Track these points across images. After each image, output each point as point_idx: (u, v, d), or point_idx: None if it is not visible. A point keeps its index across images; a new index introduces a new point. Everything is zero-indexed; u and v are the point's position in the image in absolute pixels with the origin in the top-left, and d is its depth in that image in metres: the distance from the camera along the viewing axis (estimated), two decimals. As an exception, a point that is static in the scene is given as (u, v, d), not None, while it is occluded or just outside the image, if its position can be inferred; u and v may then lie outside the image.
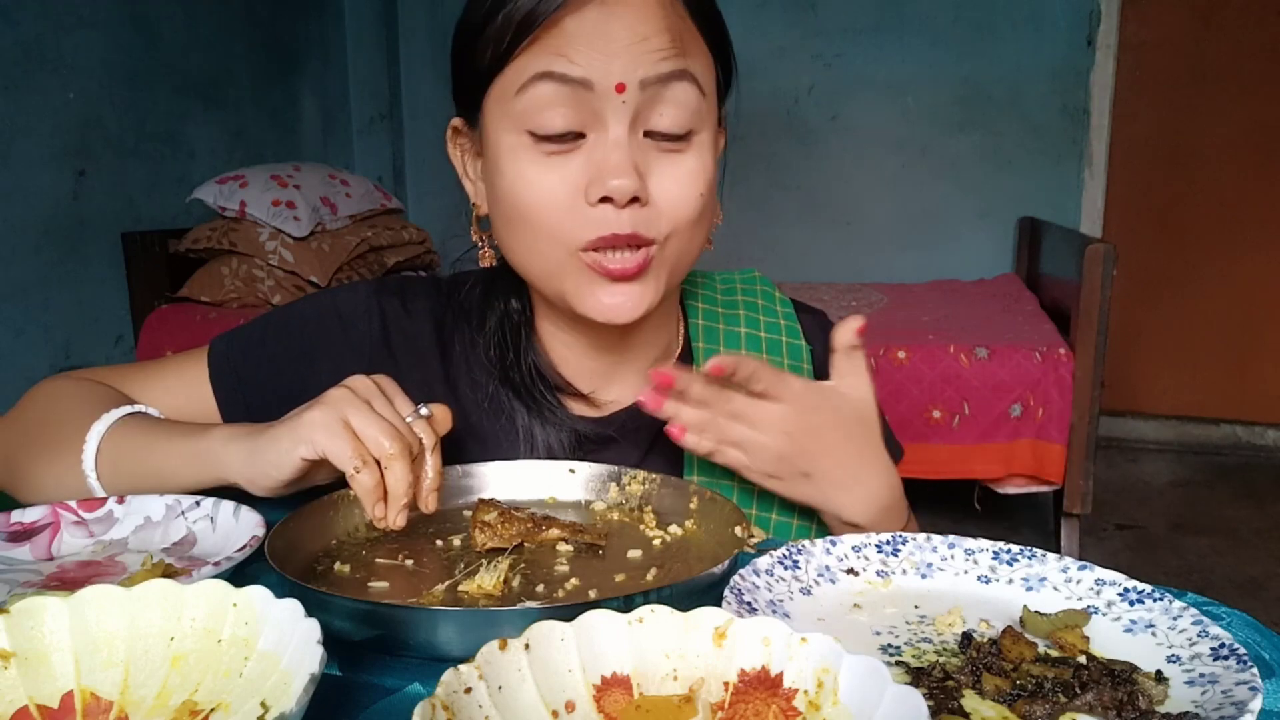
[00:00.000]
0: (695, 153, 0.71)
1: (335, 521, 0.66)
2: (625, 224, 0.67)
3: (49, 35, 2.53)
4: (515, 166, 0.69)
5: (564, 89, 0.66)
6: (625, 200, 0.66)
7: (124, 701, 0.43)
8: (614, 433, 0.81)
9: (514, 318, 0.81)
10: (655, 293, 0.72)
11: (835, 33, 3.67)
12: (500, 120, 0.70)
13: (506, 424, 0.80)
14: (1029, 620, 0.51)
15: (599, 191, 0.66)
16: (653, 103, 0.68)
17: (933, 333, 2.52)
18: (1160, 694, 0.44)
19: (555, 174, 0.68)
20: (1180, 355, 3.56)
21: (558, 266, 0.70)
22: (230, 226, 2.69)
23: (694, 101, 0.69)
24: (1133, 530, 2.81)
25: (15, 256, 2.48)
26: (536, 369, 0.80)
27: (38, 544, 0.66)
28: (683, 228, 0.71)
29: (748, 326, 0.87)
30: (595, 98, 0.67)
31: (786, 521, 0.82)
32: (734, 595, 0.51)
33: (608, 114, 0.67)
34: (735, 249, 3.66)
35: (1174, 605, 0.51)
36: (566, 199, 0.68)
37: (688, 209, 0.70)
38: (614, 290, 0.70)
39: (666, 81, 0.68)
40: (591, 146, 0.68)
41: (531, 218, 0.69)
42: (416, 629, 0.49)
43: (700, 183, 0.71)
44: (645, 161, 0.68)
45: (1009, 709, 0.43)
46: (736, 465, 0.72)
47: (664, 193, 0.69)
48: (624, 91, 0.66)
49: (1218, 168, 3.43)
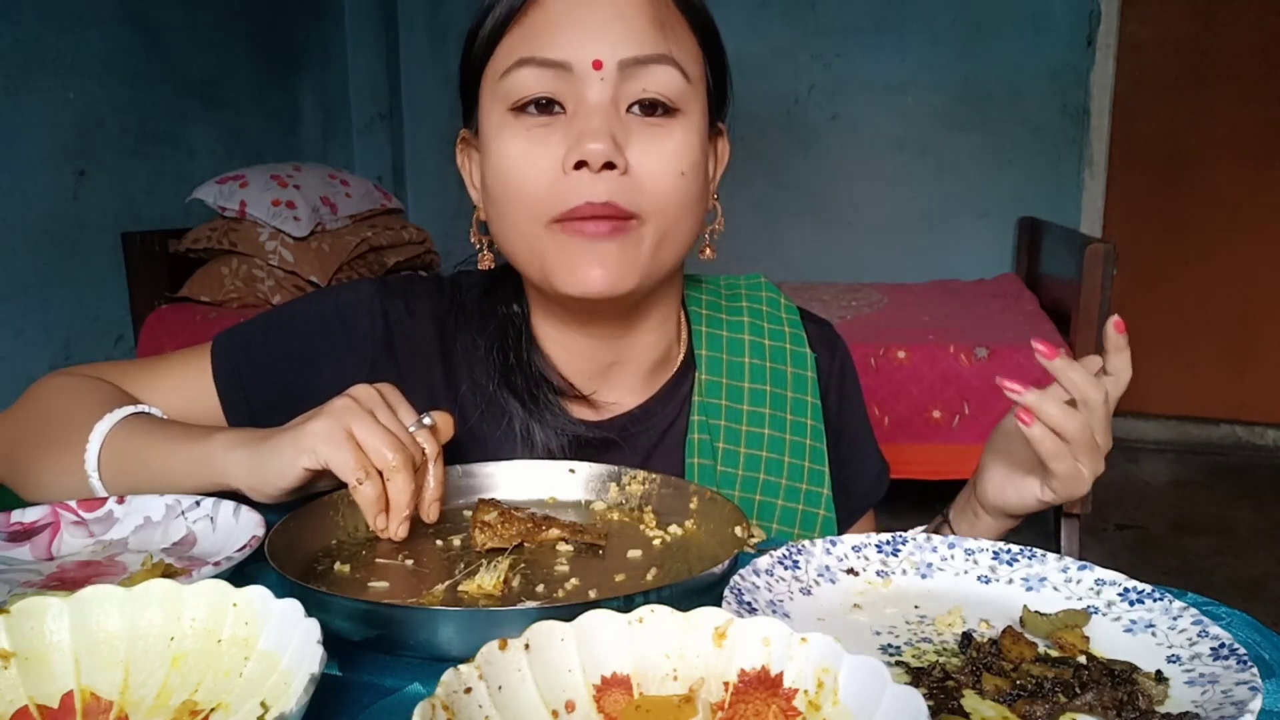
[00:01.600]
0: (680, 131, 0.70)
1: (335, 521, 0.66)
2: (601, 191, 0.67)
3: (49, 35, 2.53)
4: (500, 144, 0.70)
5: (545, 72, 0.68)
6: (599, 164, 0.66)
7: (124, 701, 0.43)
8: (615, 436, 0.81)
9: (515, 320, 0.81)
10: (632, 268, 0.70)
11: (835, 33, 3.67)
12: (490, 105, 0.72)
13: (506, 426, 0.79)
14: (1029, 620, 0.51)
15: (574, 156, 0.67)
16: (634, 81, 0.69)
17: (933, 332, 2.52)
18: (1160, 694, 0.44)
19: (537, 147, 0.69)
20: (1180, 355, 3.57)
21: (537, 243, 0.70)
22: (230, 226, 2.69)
23: (677, 84, 0.70)
24: (1132, 530, 2.81)
25: (15, 256, 2.48)
26: (538, 372, 0.80)
27: (38, 544, 0.66)
28: (665, 205, 0.70)
29: (751, 333, 0.87)
30: (575, 77, 0.68)
31: (787, 530, 0.82)
32: (734, 595, 0.51)
33: (587, 90, 0.68)
34: (735, 249, 3.66)
35: (1174, 605, 0.51)
36: (547, 170, 0.68)
37: (666, 183, 0.69)
38: (590, 259, 0.68)
39: (647, 64, 0.69)
40: (570, 119, 0.69)
41: (513, 192, 0.70)
42: (416, 629, 0.49)
43: (681, 161, 0.70)
44: (626, 135, 0.69)
45: (1009, 709, 0.43)
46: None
47: (643, 164, 0.69)
48: (601, 68, 0.68)
49: (1218, 168, 3.44)
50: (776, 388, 0.85)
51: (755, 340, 0.87)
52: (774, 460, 0.83)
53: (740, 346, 0.86)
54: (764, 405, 0.84)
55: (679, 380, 0.84)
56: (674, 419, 0.83)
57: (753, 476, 0.82)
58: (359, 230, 2.86)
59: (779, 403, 0.85)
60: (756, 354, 0.86)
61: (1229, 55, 3.37)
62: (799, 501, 0.83)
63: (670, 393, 0.84)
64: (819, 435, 0.85)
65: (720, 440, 0.82)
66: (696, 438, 0.82)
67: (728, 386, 0.84)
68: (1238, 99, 3.38)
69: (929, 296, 3.16)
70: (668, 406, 0.83)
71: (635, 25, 0.68)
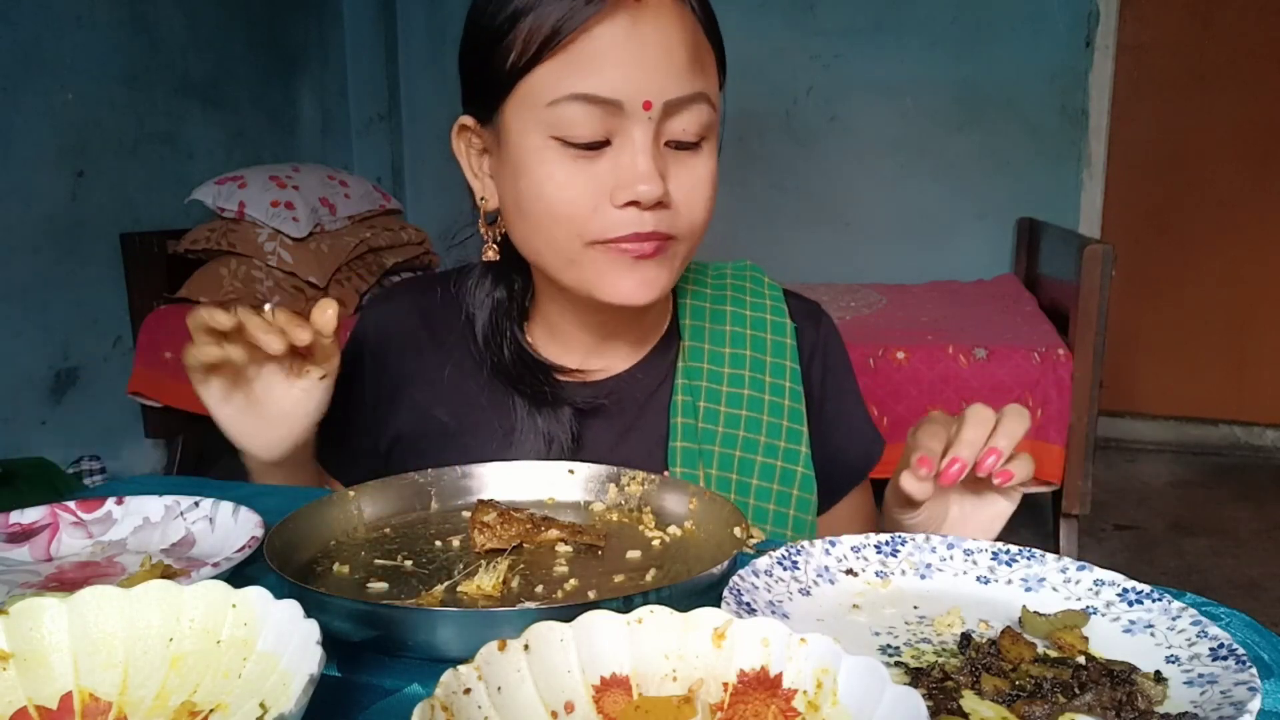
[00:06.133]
0: (706, 157, 0.76)
1: (334, 522, 0.66)
2: (649, 224, 0.72)
3: (48, 36, 2.53)
4: (544, 168, 0.72)
5: (596, 109, 0.70)
6: (650, 204, 0.71)
7: (123, 702, 0.43)
8: (604, 398, 0.85)
9: (501, 309, 0.86)
10: (668, 279, 0.77)
11: (834, 33, 3.67)
12: (527, 124, 0.73)
13: (503, 407, 0.84)
14: (1028, 621, 0.51)
15: (627, 196, 0.71)
16: (673, 120, 0.72)
17: (931, 333, 2.52)
18: (1159, 694, 0.44)
19: (582, 176, 0.72)
20: (1179, 356, 3.57)
21: (577, 256, 0.75)
22: (229, 227, 2.68)
23: (708, 118, 0.74)
24: (1131, 531, 2.81)
25: (14, 257, 2.48)
26: (528, 358, 0.84)
27: (36, 545, 0.66)
28: (698, 226, 0.77)
29: (734, 305, 0.92)
30: (624, 114, 0.71)
31: (766, 485, 0.86)
32: (733, 596, 0.51)
33: (634, 127, 0.71)
34: (734, 249, 3.65)
35: (1173, 606, 0.51)
36: (592, 199, 0.72)
37: (702, 209, 0.76)
38: (633, 274, 0.74)
39: (688, 104, 0.72)
40: (617, 152, 0.72)
41: (556, 215, 0.73)
42: (415, 630, 0.49)
43: (711, 185, 0.77)
44: (664, 167, 0.73)
45: (1008, 709, 0.43)
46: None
47: (682, 195, 0.74)
48: (650, 109, 0.71)
49: (1216, 169, 3.44)
50: (756, 353, 0.90)
51: (737, 311, 0.92)
52: (752, 419, 0.87)
53: (723, 317, 0.91)
54: (744, 368, 0.89)
55: (664, 347, 0.90)
56: (660, 382, 0.88)
57: (733, 434, 0.86)
58: (358, 231, 2.85)
59: (759, 366, 0.89)
60: (738, 323, 0.91)
61: (1228, 57, 3.37)
62: (777, 458, 0.86)
63: (657, 358, 0.89)
64: (797, 397, 0.89)
65: (702, 400, 0.86)
66: (680, 399, 0.87)
67: (710, 352, 0.89)
68: (1236, 100, 3.38)
69: (928, 297, 3.16)
70: (654, 371, 0.88)
71: (679, 63, 0.71)
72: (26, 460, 2.25)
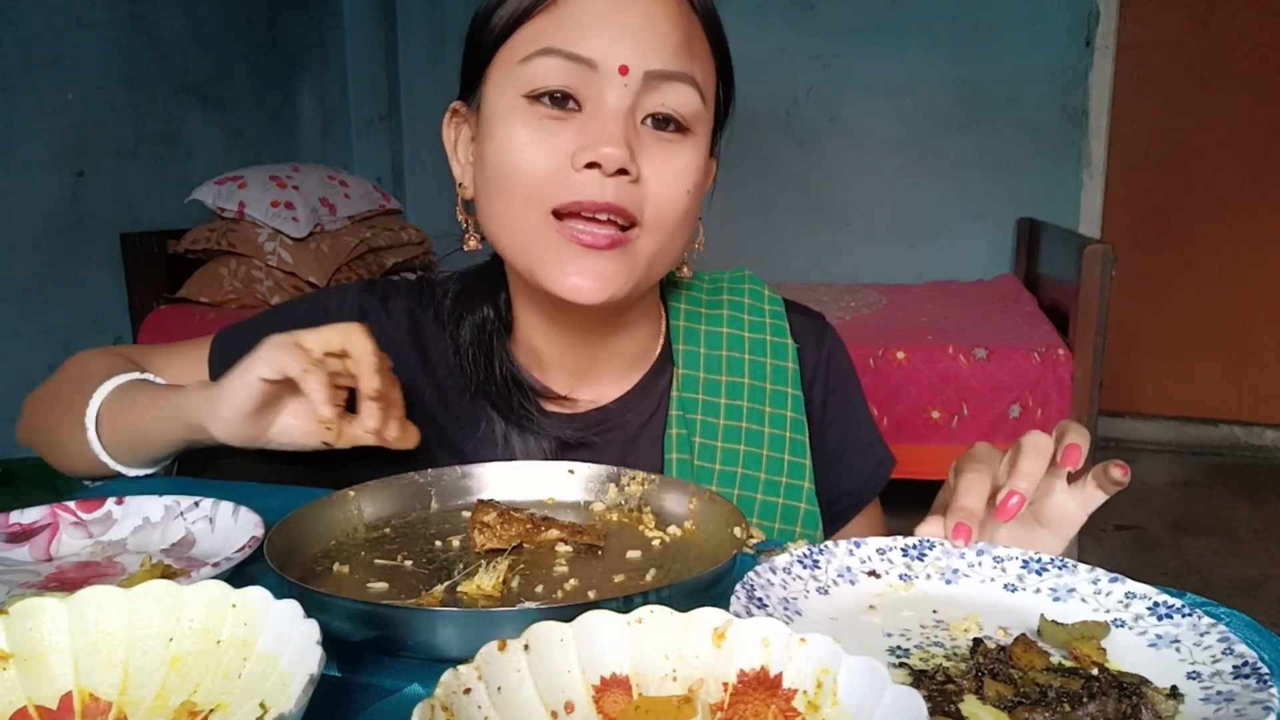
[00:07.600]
0: (689, 151, 0.71)
1: (334, 522, 0.66)
2: (608, 192, 0.67)
3: (48, 36, 2.53)
4: (507, 129, 0.69)
5: (568, 65, 0.67)
6: (613, 169, 0.66)
7: (123, 702, 0.43)
8: (592, 432, 0.81)
9: (488, 326, 0.81)
10: (625, 280, 0.70)
11: (834, 33, 3.67)
12: (501, 87, 0.71)
13: (486, 431, 0.80)
14: (1046, 629, 0.51)
15: (587, 156, 0.66)
16: (654, 94, 0.69)
17: (931, 333, 2.52)
18: (1170, 709, 0.43)
19: (547, 138, 0.68)
20: (1179, 356, 3.57)
21: (532, 232, 0.70)
22: (229, 227, 2.68)
23: (694, 104, 0.70)
24: (1131, 531, 2.81)
25: (14, 257, 2.47)
26: (512, 377, 0.80)
27: (36, 545, 0.66)
28: (665, 218, 0.70)
29: (730, 326, 0.87)
30: (598, 76, 0.67)
31: (768, 525, 0.82)
32: (744, 591, 0.51)
33: (608, 92, 0.68)
34: (734, 249, 3.66)
35: (1202, 621, 0.50)
36: (553, 163, 0.68)
37: (673, 198, 0.70)
38: (583, 266, 0.69)
39: (670, 79, 0.69)
40: (587, 117, 0.68)
41: (513, 178, 0.69)
42: (415, 630, 0.49)
43: (689, 179, 0.71)
44: (639, 144, 0.69)
45: (1008, 715, 0.43)
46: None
47: (654, 176, 0.69)
48: (627, 74, 0.67)
49: (1216, 168, 3.44)
50: (755, 380, 0.85)
51: (734, 333, 0.86)
52: (752, 454, 0.82)
53: (718, 340, 0.86)
54: (741, 398, 0.84)
55: (656, 374, 0.85)
56: (652, 413, 0.84)
57: (730, 471, 0.82)
58: (358, 231, 2.85)
59: (757, 395, 0.84)
60: (735, 347, 0.86)
61: (1227, 56, 3.37)
62: (779, 495, 0.82)
63: (647, 387, 0.84)
64: (799, 428, 0.84)
65: (697, 435, 0.82)
66: (674, 432, 0.82)
67: (705, 381, 0.84)
68: (1236, 100, 3.38)
69: (928, 297, 3.16)
70: (645, 401, 0.84)
71: (665, 39, 0.68)
72: (26, 460, 2.25)
